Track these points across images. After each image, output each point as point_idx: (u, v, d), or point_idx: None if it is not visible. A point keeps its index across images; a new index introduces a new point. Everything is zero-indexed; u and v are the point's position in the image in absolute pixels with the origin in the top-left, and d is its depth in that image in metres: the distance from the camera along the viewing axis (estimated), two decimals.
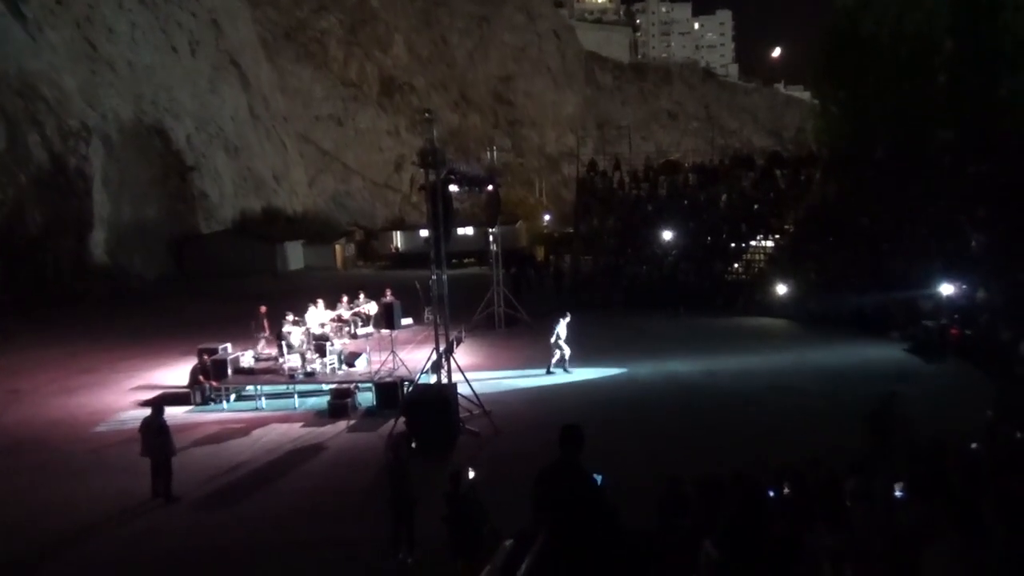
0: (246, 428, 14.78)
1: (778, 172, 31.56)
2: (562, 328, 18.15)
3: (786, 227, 28.78)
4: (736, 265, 28.70)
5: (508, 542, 6.69)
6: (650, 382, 17.39)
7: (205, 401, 16.48)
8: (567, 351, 18.20)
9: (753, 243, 29.13)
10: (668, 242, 29.66)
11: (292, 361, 16.89)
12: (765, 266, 27.78)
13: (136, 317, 29.77)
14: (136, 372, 19.85)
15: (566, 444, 5.28)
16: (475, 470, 8.73)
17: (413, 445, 9.68)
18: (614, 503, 5.81)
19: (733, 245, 28.91)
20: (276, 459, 13.07)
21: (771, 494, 6.95)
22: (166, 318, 29.23)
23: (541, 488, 5.32)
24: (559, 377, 17.96)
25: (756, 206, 30.30)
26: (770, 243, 28.80)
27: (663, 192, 33.08)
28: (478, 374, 17.44)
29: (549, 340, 18.29)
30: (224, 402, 16.43)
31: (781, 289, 25.12)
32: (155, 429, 11.32)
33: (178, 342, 22.28)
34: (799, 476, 7.44)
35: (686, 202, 31.66)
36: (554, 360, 18.21)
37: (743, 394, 15.94)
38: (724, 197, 31.30)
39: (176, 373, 18.62)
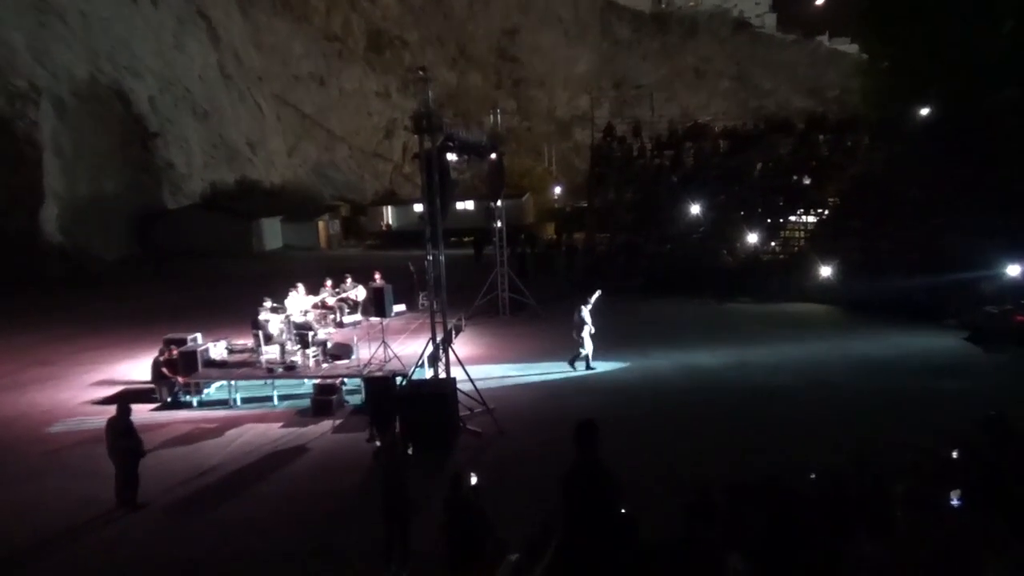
0: (219, 428, 14.89)
1: (820, 137, 31.43)
2: (586, 317, 18.00)
3: (829, 200, 28.67)
4: (772, 243, 28.64)
5: (514, 556, 6.78)
6: (673, 376, 17.44)
7: (173, 398, 16.61)
8: (586, 349, 18.13)
9: (792, 218, 29.04)
10: (694, 217, 29.60)
11: (270, 353, 16.97)
12: (805, 244, 27.72)
13: (95, 303, 29.90)
14: (96, 365, 20.01)
15: (581, 442, 5.35)
16: (477, 474, 8.81)
17: (410, 450, 9.75)
18: (632, 512, 5.88)
19: (769, 221, 28.84)
20: (253, 462, 13.18)
21: (807, 501, 7.00)
22: (129, 304, 29.36)
23: (568, 491, 5.40)
24: (572, 371, 18.02)
25: (795, 176, 30.19)
26: (811, 218, 28.71)
27: (689, 161, 33.00)
28: (480, 367, 17.50)
29: (576, 333, 18.19)
30: (194, 399, 16.56)
31: (823, 271, 25.10)
32: (121, 430, 11.42)
33: (143, 331, 22.41)
34: (839, 480, 7.49)
35: (715, 172, 31.56)
36: (589, 352, 18.11)
37: (777, 389, 15.97)
38: (758, 166, 31.19)
39: (141, 367, 18.73)
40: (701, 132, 34.64)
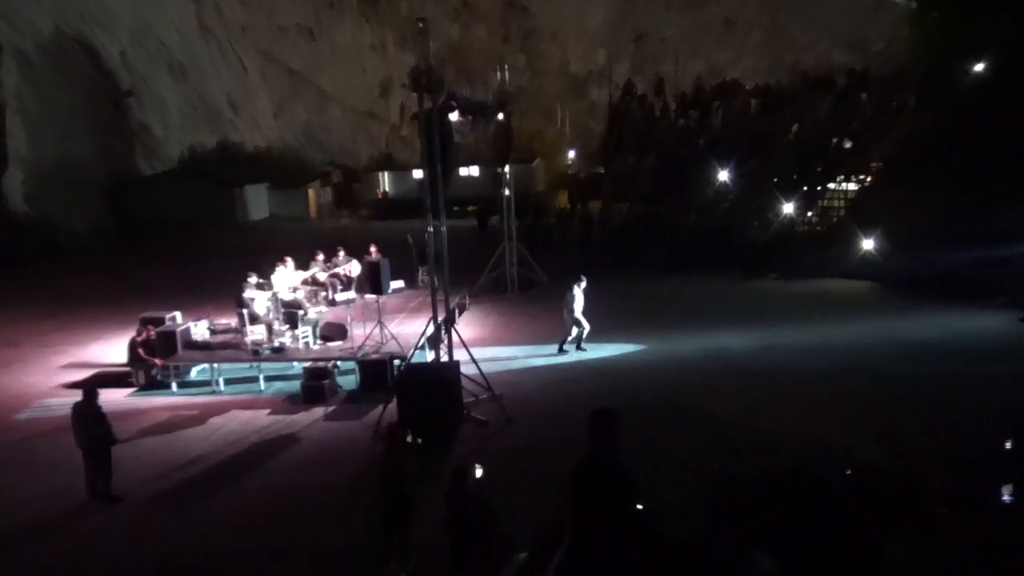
0: (201, 415, 15.05)
1: (863, 96, 31.21)
2: (578, 297, 18.15)
3: (872, 166, 28.53)
4: (808, 214, 28.54)
5: (522, 555, 6.88)
6: (696, 359, 17.49)
7: (150, 383, 16.79)
8: (586, 326, 18.27)
9: (831, 186, 28.91)
10: (722, 185, 29.51)
11: (256, 334, 17.10)
12: (845, 215, 27.63)
13: (65, 279, 30.09)
14: (66, 347, 20.19)
15: (596, 432, 5.41)
16: (482, 466, 8.90)
17: (409, 437, 9.85)
18: (650, 507, 5.95)
19: (805, 189, 28.74)
20: (239, 453, 13.33)
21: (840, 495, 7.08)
22: (102, 280, 29.53)
23: (578, 485, 5.47)
24: (578, 355, 18.11)
25: (834, 139, 30.03)
26: (852, 186, 28.57)
27: (716, 122, 32.86)
28: (485, 350, 17.61)
29: (563, 314, 18.33)
30: (173, 382, 16.73)
31: (864, 244, 25.03)
32: (89, 417, 11.54)
33: (117, 310, 22.57)
34: (875, 473, 7.55)
35: (745, 135, 31.42)
36: (571, 336, 18.33)
37: (810, 374, 16.02)
38: (794, 128, 31.03)
39: (115, 349, 18.92)
40: (730, 90, 34.52)
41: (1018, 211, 22.82)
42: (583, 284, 18.36)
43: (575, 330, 18.20)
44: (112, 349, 19.18)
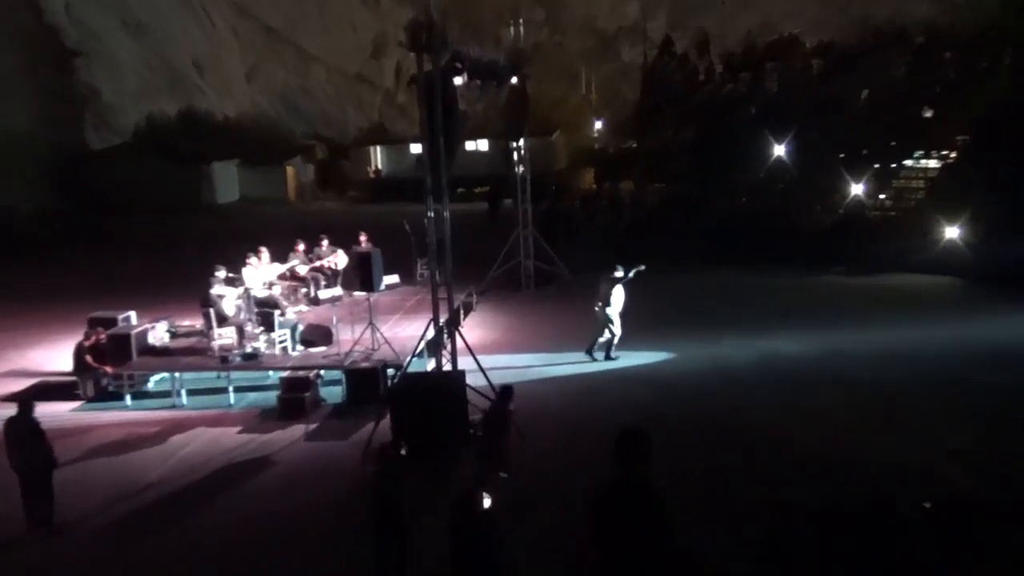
0: (160, 434, 15.07)
1: (946, 55, 31.04)
2: (618, 296, 17.99)
3: (957, 139, 28.37)
4: (881, 196, 28.40)
5: None
6: (743, 369, 17.44)
7: (100, 394, 16.84)
8: (618, 331, 18.15)
9: (908, 163, 28.75)
10: (777, 162, 29.41)
11: (225, 338, 17.14)
12: (924, 198, 27.48)
13: (2, 271, 30.22)
14: (1, 352, 20.31)
15: (624, 457, 5.39)
16: (492, 491, 8.88)
17: (403, 452, 9.85)
18: (691, 543, 5.95)
19: (877, 166, 28.61)
20: (203, 477, 13.33)
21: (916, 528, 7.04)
22: (47, 272, 29.68)
23: (601, 518, 5.45)
24: (606, 364, 18.08)
25: (912, 107, 29.88)
26: (933, 163, 28.41)
27: (771, 87, 32.77)
28: (495, 357, 17.63)
29: (596, 311, 18.22)
30: (127, 393, 16.78)
31: (947, 232, 24.91)
32: (25, 434, 11.55)
33: (63, 308, 22.67)
34: (959, 503, 7.51)
35: (806, 101, 31.33)
36: (603, 339, 18.21)
37: (880, 386, 15.96)
38: (863, 94, 30.90)
39: (59, 355, 18.99)
40: (787, 49, 34.45)
41: None
42: (626, 278, 18.07)
43: (607, 332, 18.13)
44: (56, 355, 19.26)
